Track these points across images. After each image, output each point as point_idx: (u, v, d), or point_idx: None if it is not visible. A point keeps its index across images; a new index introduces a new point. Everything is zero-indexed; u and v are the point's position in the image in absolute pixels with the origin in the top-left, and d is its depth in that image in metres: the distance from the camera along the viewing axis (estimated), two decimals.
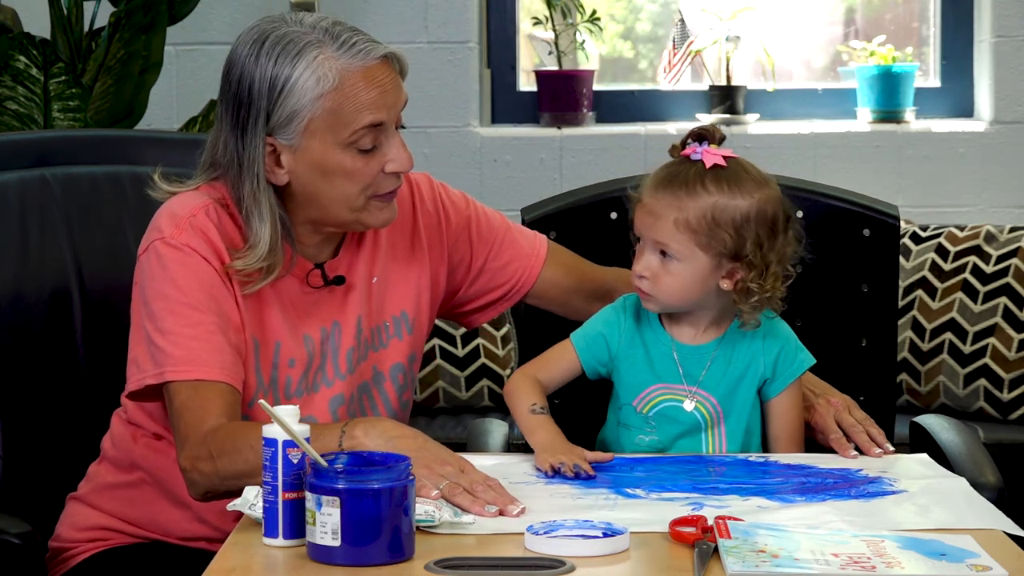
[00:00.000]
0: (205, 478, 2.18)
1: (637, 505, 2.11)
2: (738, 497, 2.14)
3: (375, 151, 2.30)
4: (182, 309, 2.26)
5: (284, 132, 2.28)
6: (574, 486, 2.20)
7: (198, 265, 2.29)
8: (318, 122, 2.27)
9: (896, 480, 2.23)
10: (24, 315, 2.58)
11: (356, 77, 2.27)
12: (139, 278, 2.33)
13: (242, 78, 2.30)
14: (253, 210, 2.30)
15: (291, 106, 2.26)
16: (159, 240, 2.30)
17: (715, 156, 2.35)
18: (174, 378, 2.23)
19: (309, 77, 2.25)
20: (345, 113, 2.26)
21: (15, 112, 3.79)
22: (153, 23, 3.91)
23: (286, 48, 2.27)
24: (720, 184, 2.34)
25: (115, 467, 2.46)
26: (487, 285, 2.57)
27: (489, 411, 4.18)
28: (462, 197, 2.57)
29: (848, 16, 4.89)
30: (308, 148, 2.28)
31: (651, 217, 2.35)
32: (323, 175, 2.30)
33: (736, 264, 2.34)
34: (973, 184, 4.56)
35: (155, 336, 2.26)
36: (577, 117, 4.62)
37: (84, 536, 2.45)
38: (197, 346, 2.24)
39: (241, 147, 2.30)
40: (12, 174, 2.63)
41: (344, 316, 2.40)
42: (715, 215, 2.33)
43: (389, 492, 1.85)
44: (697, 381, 2.40)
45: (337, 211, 2.32)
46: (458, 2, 4.57)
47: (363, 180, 2.30)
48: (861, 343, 2.77)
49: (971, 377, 4.09)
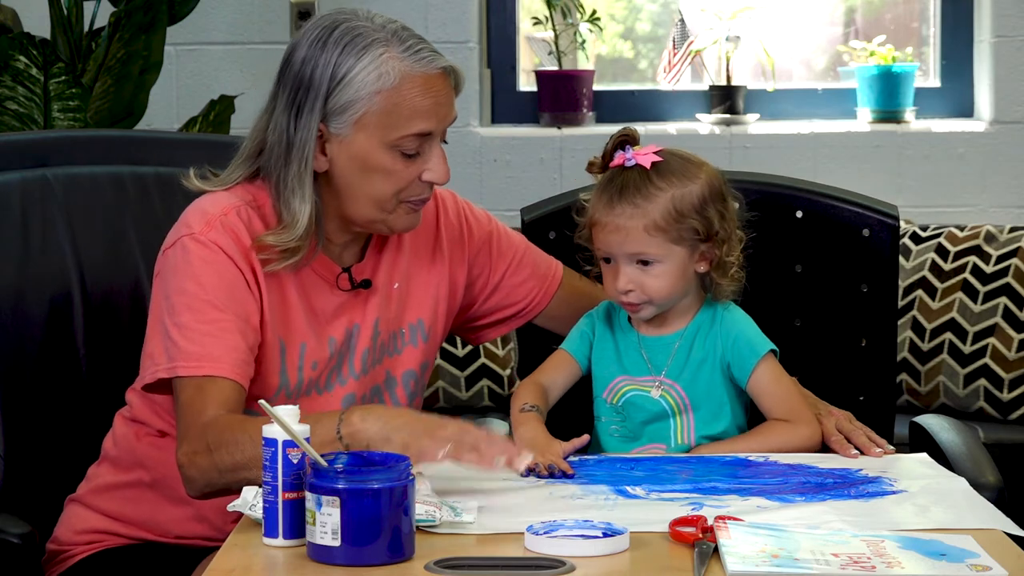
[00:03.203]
0: (202, 473, 2.17)
1: (637, 505, 2.11)
2: (738, 497, 2.14)
3: (416, 157, 2.33)
4: (201, 305, 2.27)
5: (336, 120, 2.30)
6: (575, 485, 2.21)
7: (224, 264, 2.30)
8: (371, 117, 2.29)
9: (896, 480, 2.24)
10: (25, 315, 2.58)
11: (416, 82, 2.30)
12: (162, 272, 2.34)
13: (306, 60, 2.32)
14: (296, 190, 2.32)
15: (349, 96, 2.29)
16: (188, 236, 2.31)
17: (648, 156, 2.41)
18: (184, 373, 2.24)
19: (372, 71, 2.28)
20: (399, 115, 2.29)
21: (15, 112, 3.79)
22: (153, 23, 3.91)
23: (354, 40, 2.30)
24: (668, 178, 2.38)
25: (116, 467, 2.46)
26: (503, 301, 2.60)
27: (489, 411, 4.18)
28: (485, 214, 2.61)
29: (848, 16, 4.89)
30: (354, 140, 2.31)
31: (618, 233, 2.38)
32: (362, 170, 2.32)
33: (708, 244, 2.40)
34: (973, 184, 4.56)
35: (172, 330, 2.27)
36: (577, 117, 4.62)
37: (81, 538, 2.45)
38: (210, 342, 2.25)
39: (293, 128, 2.32)
40: (13, 174, 2.63)
41: (364, 318, 2.42)
42: (677, 207, 2.37)
43: (389, 492, 1.85)
44: (662, 371, 2.45)
45: (367, 208, 2.34)
46: (458, 2, 4.58)
47: (399, 183, 2.33)
48: (861, 343, 2.77)
49: (971, 377, 4.09)
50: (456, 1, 4.57)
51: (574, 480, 2.23)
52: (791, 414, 2.43)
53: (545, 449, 2.29)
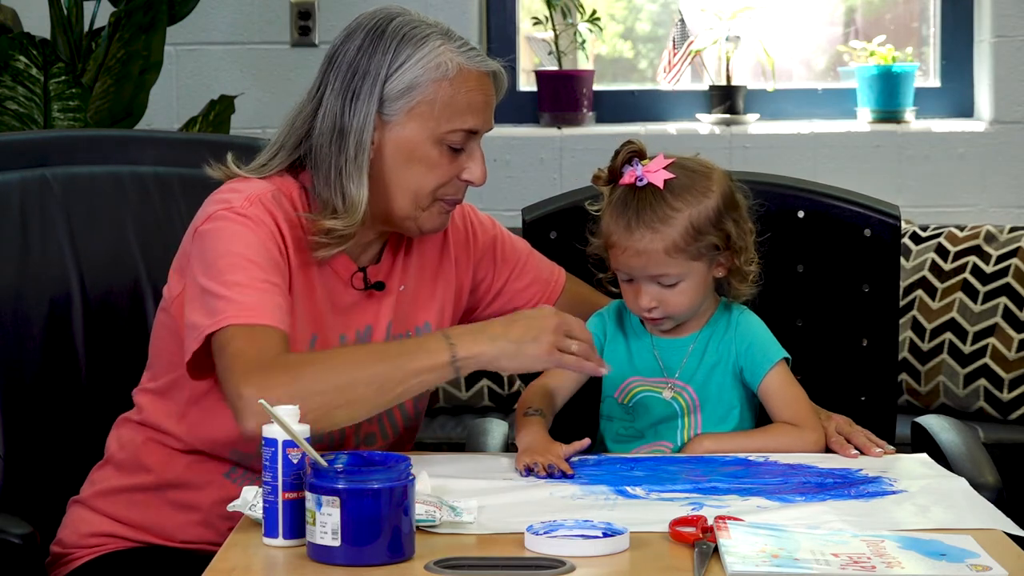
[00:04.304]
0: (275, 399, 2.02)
1: (637, 505, 2.11)
2: (738, 497, 2.14)
3: (460, 155, 2.34)
4: (246, 264, 2.24)
5: (391, 106, 2.32)
6: (574, 485, 2.21)
7: (265, 235, 2.28)
8: (426, 106, 2.31)
9: (896, 480, 2.24)
10: (24, 315, 2.58)
11: (471, 77, 2.33)
12: (200, 246, 2.29)
13: (362, 49, 2.33)
14: (353, 175, 2.32)
15: (408, 81, 2.31)
16: (226, 209, 2.29)
17: (659, 173, 2.39)
18: (234, 322, 2.19)
19: (432, 60, 2.31)
20: (454, 107, 2.31)
21: (15, 112, 3.79)
22: (153, 23, 3.91)
23: (412, 31, 2.33)
24: (682, 196, 2.38)
25: (120, 470, 2.45)
26: (505, 306, 2.61)
27: (489, 411, 4.18)
28: (489, 219, 2.62)
29: (848, 16, 4.89)
30: (405, 129, 2.32)
31: (639, 257, 2.38)
32: (407, 160, 2.33)
33: (726, 252, 2.41)
34: (973, 184, 4.56)
35: (217, 289, 2.22)
36: (577, 117, 4.62)
37: (85, 542, 2.45)
38: (259, 296, 2.22)
39: (350, 114, 2.32)
40: (13, 174, 2.63)
41: (377, 320, 2.43)
42: (695, 225, 2.37)
43: (389, 492, 1.85)
44: (675, 373, 2.45)
45: (403, 202, 2.34)
46: (458, 2, 4.58)
47: (439, 178, 2.34)
48: (862, 343, 2.77)
49: (971, 377, 4.10)
50: (456, 1, 4.57)
51: (574, 480, 2.23)
52: (799, 419, 2.43)
53: (545, 451, 2.29)
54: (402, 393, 2.20)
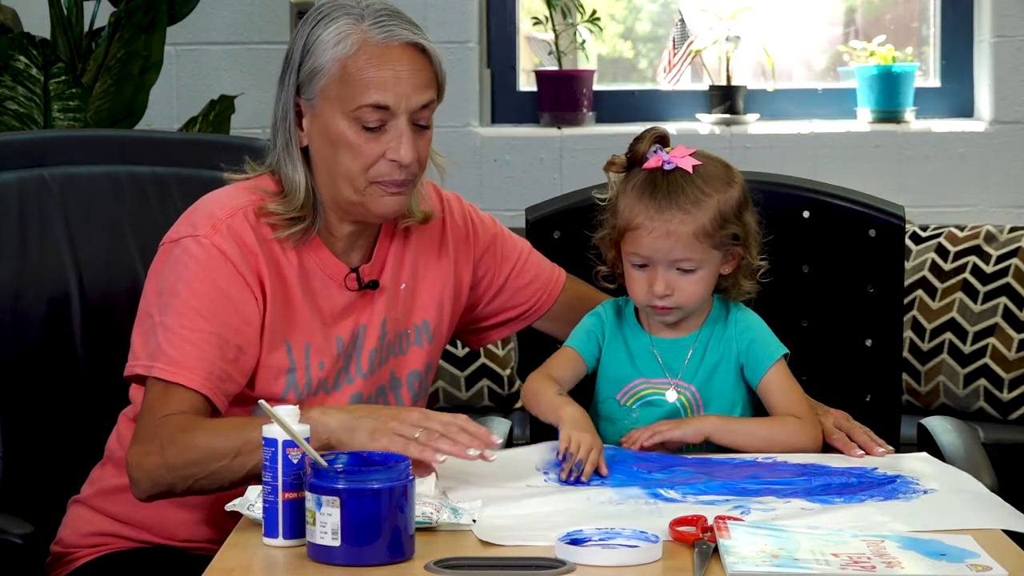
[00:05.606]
0: (147, 474, 2.21)
1: (677, 509, 2.06)
2: (778, 499, 2.11)
3: (380, 133, 2.32)
4: (188, 311, 2.27)
5: (307, 91, 2.34)
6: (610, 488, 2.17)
7: (221, 271, 2.30)
8: (332, 87, 2.31)
9: (918, 479, 2.21)
10: (23, 315, 2.58)
11: (372, 52, 2.31)
12: (159, 266, 2.34)
13: (294, 39, 2.38)
14: (287, 160, 2.36)
15: (312, 64, 2.33)
16: (190, 237, 2.32)
17: (687, 159, 2.40)
18: (160, 375, 2.25)
19: (331, 39, 2.31)
20: (354, 83, 2.30)
21: (15, 112, 3.79)
22: (153, 23, 3.91)
23: (328, 14, 2.34)
24: (712, 183, 2.39)
25: (121, 469, 2.44)
26: (506, 303, 2.61)
27: (489, 411, 4.17)
28: (490, 218, 2.62)
29: (848, 16, 4.89)
30: (321, 112, 2.33)
31: (667, 239, 2.36)
32: (330, 144, 2.33)
33: (740, 247, 2.41)
34: (973, 184, 4.56)
35: (157, 328, 2.28)
36: (577, 117, 4.62)
37: (86, 541, 2.45)
38: (189, 351, 2.26)
39: (278, 101, 2.38)
40: (11, 174, 2.62)
41: (371, 318, 2.43)
42: (722, 213, 2.38)
43: (389, 492, 1.85)
44: (677, 373, 2.45)
45: (342, 187, 2.34)
46: (458, 2, 4.57)
47: (364, 159, 2.32)
48: (866, 343, 2.77)
49: (971, 377, 4.09)
50: (456, 1, 4.57)
51: (605, 483, 2.20)
52: (797, 414, 2.42)
53: (592, 435, 2.27)
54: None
